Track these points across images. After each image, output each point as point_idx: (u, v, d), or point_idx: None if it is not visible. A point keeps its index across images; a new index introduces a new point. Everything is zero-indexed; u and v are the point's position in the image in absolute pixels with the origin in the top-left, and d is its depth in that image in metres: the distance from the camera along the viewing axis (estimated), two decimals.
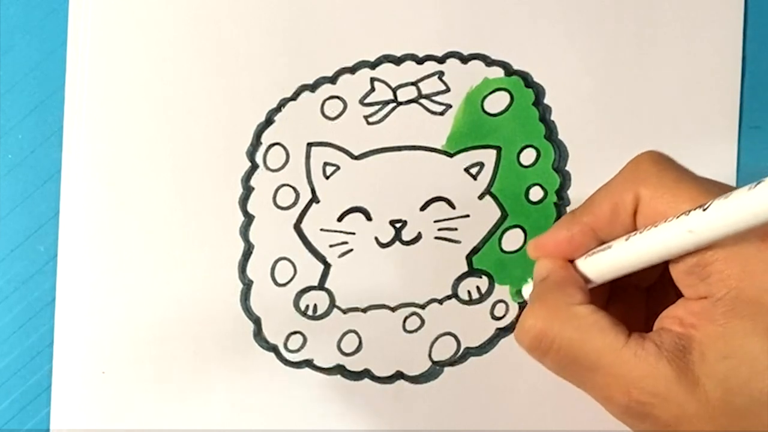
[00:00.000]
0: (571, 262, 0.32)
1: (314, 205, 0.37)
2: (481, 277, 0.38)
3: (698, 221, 0.27)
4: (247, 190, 0.37)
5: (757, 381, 0.26)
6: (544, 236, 0.33)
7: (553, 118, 0.38)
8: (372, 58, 0.37)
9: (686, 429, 0.27)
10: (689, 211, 0.27)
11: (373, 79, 0.37)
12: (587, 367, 0.29)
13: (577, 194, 0.38)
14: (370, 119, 0.37)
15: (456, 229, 0.38)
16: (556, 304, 0.30)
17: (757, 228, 0.27)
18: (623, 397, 0.28)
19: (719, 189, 0.28)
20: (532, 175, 0.38)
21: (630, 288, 0.33)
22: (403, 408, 0.38)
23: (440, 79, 0.37)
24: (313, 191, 0.37)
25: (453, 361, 0.38)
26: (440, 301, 0.38)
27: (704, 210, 0.27)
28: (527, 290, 0.34)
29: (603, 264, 0.31)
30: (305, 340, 0.37)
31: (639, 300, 0.33)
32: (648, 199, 0.29)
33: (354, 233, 0.37)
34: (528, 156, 0.38)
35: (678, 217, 0.28)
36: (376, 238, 0.37)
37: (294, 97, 0.37)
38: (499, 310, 0.38)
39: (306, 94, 0.37)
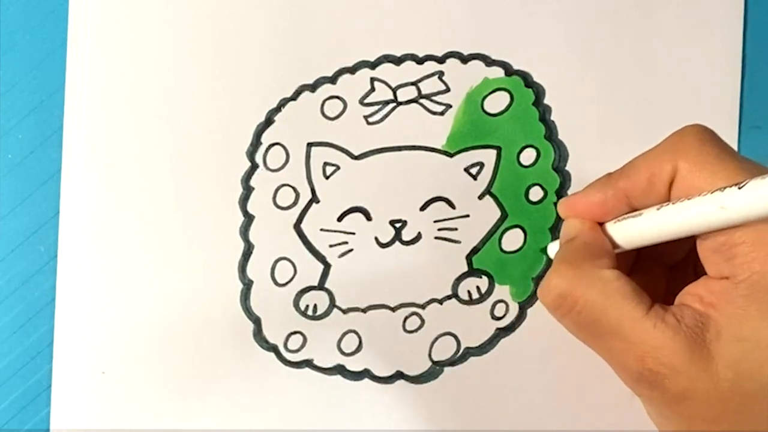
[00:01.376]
0: (600, 225, 0.32)
1: (314, 205, 0.37)
2: (481, 277, 0.38)
3: (732, 199, 0.27)
4: (247, 190, 0.37)
5: None
6: (577, 196, 0.33)
7: (553, 118, 0.38)
8: (372, 58, 0.37)
9: (694, 403, 0.28)
10: (724, 188, 0.27)
11: (373, 79, 0.37)
12: (606, 331, 0.29)
13: None
14: (370, 119, 0.37)
15: (456, 229, 0.38)
16: (583, 266, 0.30)
17: None
18: (637, 365, 0.28)
19: (759, 170, 0.27)
20: (532, 175, 0.38)
21: (655, 263, 0.33)
22: (403, 408, 0.38)
23: (440, 79, 0.37)
24: (313, 191, 0.37)
25: (453, 361, 0.38)
26: (440, 301, 0.38)
27: (739, 188, 0.26)
28: (552, 248, 0.34)
29: (632, 230, 0.31)
30: (305, 340, 0.37)
31: (661, 276, 0.33)
32: (686, 172, 0.29)
33: (354, 233, 0.37)
34: (528, 156, 0.38)
35: (712, 193, 0.27)
36: (376, 238, 0.37)
37: (294, 97, 0.37)
38: (499, 310, 0.38)
39: (306, 94, 0.37)
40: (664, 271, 0.34)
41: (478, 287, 0.38)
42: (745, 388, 0.27)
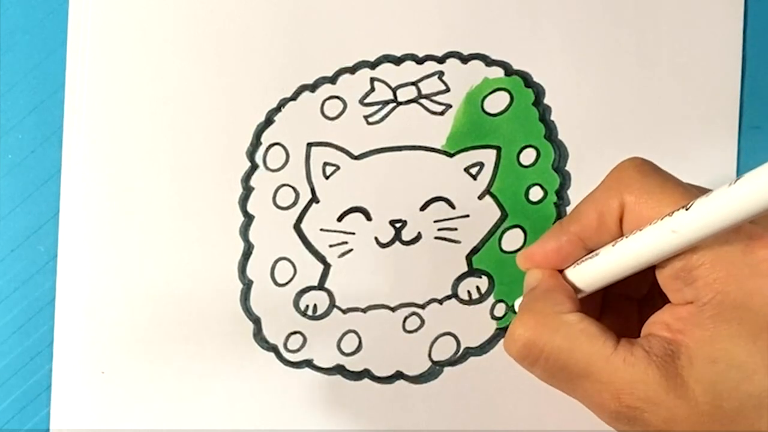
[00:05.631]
0: (561, 272, 0.32)
1: (314, 205, 0.37)
2: (480, 277, 0.38)
3: (681, 221, 0.27)
4: (247, 190, 0.37)
5: (745, 385, 0.27)
6: (533, 247, 0.33)
7: (553, 118, 0.38)
8: (372, 58, 0.37)
9: None
10: (672, 212, 0.27)
11: (373, 79, 0.37)
12: (577, 374, 0.29)
13: (577, 194, 0.38)
14: (370, 119, 0.37)
15: (456, 229, 0.38)
16: (544, 313, 0.30)
17: (742, 232, 0.27)
18: (613, 403, 0.28)
19: (702, 192, 0.28)
20: (532, 175, 0.38)
21: (622, 300, 0.33)
22: (403, 408, 0.38)
23: (440, 79, 0.37)
24: (313, 191, 0.37)
25: (453, 361, 0.38)
26: (440, 301, 0.38)
27: (687, 209, 0.27)
28: (519, 303, 0.34)
29: (591, 272, 0.31)
30: (305, 340, 0.37)
31: (632, 311, 0.33)
32: (632, 205, 0.29)
33: (354, 233, 0.37)
34: (528, 156, 0.38)
35: (662, 219, 0.28)
36: (376, 238, 0.37)
37: (294, 97, 0.37)
38: (499, 310, 0.38)
39: (306, 94, 0.37)
40: (634, 307, 0.34)
41: (478, 287, 0.38)
42: (725, 408, 0.27)
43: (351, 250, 0.37)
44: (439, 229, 0.38)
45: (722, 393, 0.27)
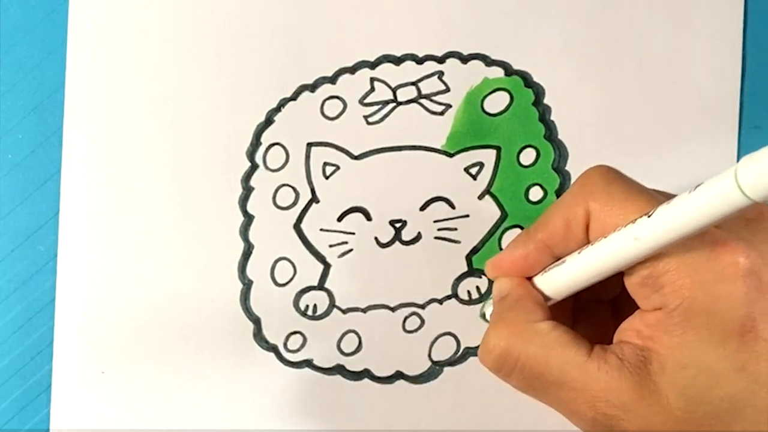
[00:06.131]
0: (530, 279, 0.32)
1: (314, 205, 0.37)
2: (480, 277, 0.38)
3: (643, 228, 0.27)
4: (247, 190, 0.37)
5: (716, 389, 0.27)
6: (501, 255, 0.33)
7: (553, 118, 0.38)
8: (372, 58, 0.37)
9: None
10: (635, 220, 0.27)
11: (372, 79, 0.37)
12: (552, 383, 0.29)
13: None
14: (370, 119, 0.37)
15: (456, 229, 0.38)
16: (517, 322, 0.30)
17: (706, 238, 0.27)
18: (589, 411, 0.28)
19: (668, 199, 0.28)
20: (532, 175, 0.38)
21: (595, 303, 0.33)
22: (403, 408, 0.38)
23: (440, 79, 0.37)
24: (312, 191, 0.37)
25: (453, 361, 0.38)
26: (440, 301, 0.38)
27: (649, 217, 0.27)
28: (490, 310, 0.35)
29: (559, 279, 0.31)
30: (305, 340, 0.37)
31: (605, 314, 0.33)
32: (598, 212, 0.29)
33: (354, 233, 0.37)
34: (528, 156, 0.38)
35: (625, 227, 0.28)
36: (376, 238, 0.37)
37: (294, 97, 0.37)
38: None
39: (306, 94, 0.37)
40: (606, 308, 0.34)
41: (477, 287, 0.38)
42: (698, 413, 0.27)
43: (351, 250, 0.37)
44: (439, 229, 0.38)
45: (695, 398, 0.27)
